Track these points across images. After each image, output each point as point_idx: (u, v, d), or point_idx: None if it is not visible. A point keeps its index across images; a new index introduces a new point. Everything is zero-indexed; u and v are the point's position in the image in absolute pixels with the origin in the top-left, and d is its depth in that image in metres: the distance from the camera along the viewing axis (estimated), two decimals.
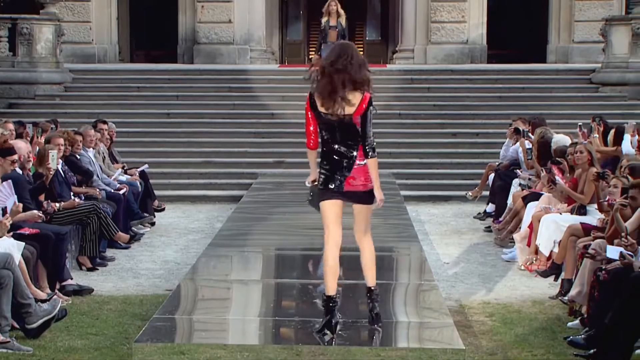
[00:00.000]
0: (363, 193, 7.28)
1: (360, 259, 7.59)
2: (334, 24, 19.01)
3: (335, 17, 19.00)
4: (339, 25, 18.96)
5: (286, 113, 19.17)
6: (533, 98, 19.81)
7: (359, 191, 7.26)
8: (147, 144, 18.05)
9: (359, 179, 7.21)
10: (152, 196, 14.46)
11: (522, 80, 20.88)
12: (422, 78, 20.84)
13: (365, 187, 7.26)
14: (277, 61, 25.73)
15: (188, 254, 11.96)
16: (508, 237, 12.32)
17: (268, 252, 11.17)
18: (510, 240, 12.21)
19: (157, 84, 20.77)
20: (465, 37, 23.63)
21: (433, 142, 18.09)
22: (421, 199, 16.28)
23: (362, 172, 7.20)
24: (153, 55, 25.56)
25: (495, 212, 13.86)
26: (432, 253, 11.88)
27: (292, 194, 15.74)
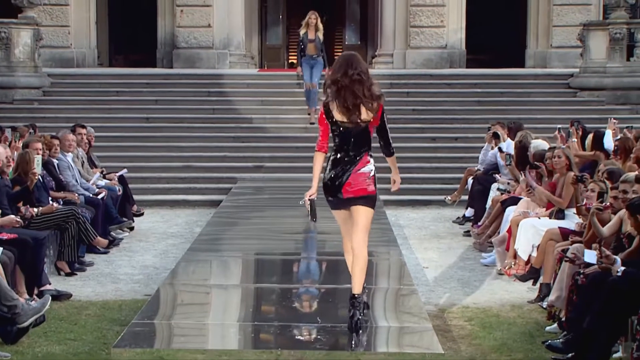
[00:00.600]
0: (362, 198, 7.47)
1: (352, 264, 7.55)
2: (312, 37, 19.01)
3: (313, 31, 19.01)
4: (317, 38, 18.96)
5: (266, 118, 19.18)
6: (512, 102, 19.89)
7: (357, 196, 7.46)
8: (126, 149, 17.99)
9: (354, 186, 7.45)
10: (131, 201, 14.42)
11: (501, 84, 20.94)
12: (401, 82, 20.87)
13: (365, 192, 7.46)
14: (256, 66, 25.70)
15: (167, 258, 11.93)
16: (487, 241, 12.35)
17: (247, 256, 11.15)
18: (489, 245, 12.24)
19: (136, 89, 20.71)
20: (444, 42, 23.69)
21: (412, 146, 18.11)
22: (400, 204, 16.30)
23: (359, 180, 7.45)
24: (132, 59, 25.49)
25: (474, 217, 13.89)
26: (411, 257, 11.89)
27: (272, 199, 15.74)
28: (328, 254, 11.36)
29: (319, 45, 19.00)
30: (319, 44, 19.00)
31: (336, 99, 7.36)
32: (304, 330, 7.64)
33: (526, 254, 10.75)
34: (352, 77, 7.32)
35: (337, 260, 10.48)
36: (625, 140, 12.15)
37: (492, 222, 12.49)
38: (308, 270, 10.57)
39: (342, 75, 7.34)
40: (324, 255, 11.34)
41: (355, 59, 7.46)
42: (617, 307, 7.40)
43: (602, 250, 7.97)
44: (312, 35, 19.03)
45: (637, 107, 19.95)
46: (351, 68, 7.36)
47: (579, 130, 14.17)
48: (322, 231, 13.00)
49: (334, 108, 7.40)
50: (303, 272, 10.47)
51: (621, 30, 20.24)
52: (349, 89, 7.31)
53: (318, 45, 18.99)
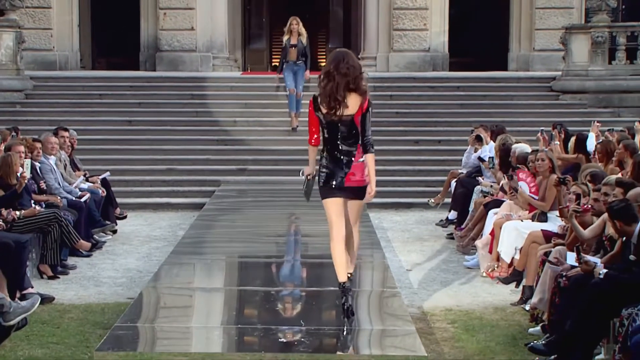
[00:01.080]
0: (360, 188, 7.92)
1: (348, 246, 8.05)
2: (295, 43, 18.89)
3: (296, 36, 18.90)
4: (299, 43, 18.85)
5: (249, 120, 19.16)
6: (494, 105, 19.94)
7: (357, 186, 7.90)
8: (109, 152, 17.95)
9: (357, 175, 7.86)
10: (114, 204, 14.39)
11: (484, 87, 21.00)
12: (385, 85, 20.89)
13: (363, 183, 7.90)
14: (239, 69, 25.68)
15: (150, 261, 11.90)
16: (470, 244, 12.37)
17: (231, 259, 11.14)
18: (472, 247, 12.26)
19: (119, 92, 20.66)
20: (427, 45, 23.73)
21: (395, 149, 18.13)
22: (384, 206, 16.30)
23: (360, 169, 7.86)
24: (115, 62, 25.41)
25: (457, 219, 13.92)
26: (394, 260, 11.90)
27: (255, 202, 15.73)
28: (312, 256, 11.36)
29: (302, 50, 18.90)
30: (302, 49, 18.90)
31: (323, 91, 7.75)
32: (287, 333, 7.64)
33: (509, 256, 10.78)
34: (342, 70, 7.70)
35: (321, 262, 10.48)
36: (606, 143, 12.20)
37: (475, 224, 12.51)
38: (292, 273, 10.56)
39: (334, 68, 7.73)
40: (308, 258, 11.34)
41: (347, 55, 7.85)
42: (599, 309, 7.42)
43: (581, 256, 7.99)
44: (294, 40, 18.93)
45: (618, 110, 20.06)
46: (342, 62, 7.74)
47: (561, 133, 14.24)
48: (306, 234, 13.02)
49: (322, 100, 7.78)
50: (287, 274, 10.46)
51: (603, 33, 20.34)
52: (337, 81, 7.69)
53: (300, 51, 18.90)
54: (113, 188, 14.63)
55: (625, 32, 20.76)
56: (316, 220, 13.64)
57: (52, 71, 22.85)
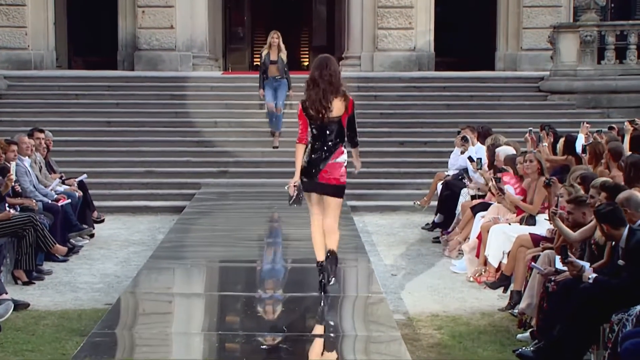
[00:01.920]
0: (333, 187, 8.75)
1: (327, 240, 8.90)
2: (275, 59, 18.48)
3: (276, 52, 18.49)
4: (279, 60, 18.44)
5: (230, 121, 19.14)
6: (481, 106, 19.98)
7: (330, 184, 8.74)
8: (86, 153, 17.89)
9: (331, 174, 8.71)
10: (91, 207, 14.35)
11: (470, 88, 21.05)
12: (369, 85, 20.91)
13: (337, 182, 8.74)
14: (220, 68, 25.65)
15: (128, 266, 11.87)
16: (457, 248, 12.39)
17: (211, 264, 11.12)
18: (459, 251, 12.28)
19: (96, 92, 20.60)
20: (412, 44, 23.76)
21: (380, 151, 18.15)
22: (368, 209, 16.32)
23: (335, 168, 8.72)
24: (92, 61, 25.32)
25: (444, 223, 13.93)
26: (379, 264, 11.91)
27: (236, 205, 15.71)
28: (294, 261, 11.35)
29: (282, 66, 18.48)
30: (282, 65, 18.47)
31: (309, 96, 8.70)
32: (270, 339, 7.62)
33: (497, 260, 10.80)
34: (325, 77, 8.67)
35: (304, 267, 10.48)
36: (595, 145, 12.24)
37: (462, 228, 12.54)
38: (274, 277, 10.56)
39: (319, 75, 8.69)
40: (290, 263, 11.33)
41: (330, 61, 8.83)
42: (588, 314, 7.44)
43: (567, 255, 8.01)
44: (274, 56, 18.51)
45: (607, 110, 20.13)
46: (325, 69, 8.72)
47: (549, 134, 14.28)
48: (288, 238, 13.00)
49: (310, 105, 8.70)
50: (269, 280, 10.45)
51: (592, 32, 20.41)
52: (321, 88, 8.64)
53: (281, 67, 18.47)
54: (90, 191, 14.59)
55: (615, 31, 20.84)
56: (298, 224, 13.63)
57: (26, 70, 22.76)
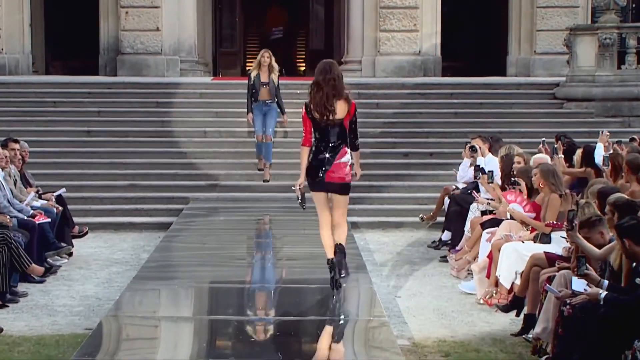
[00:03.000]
0: (340, 185, 9.87)
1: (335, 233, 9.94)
2: (266, 80, 17.72)
3: (267, 72, 17.72)
4: (270, 81, 17.71)
5: (221, 131, 19.14)
6: (492, 114, 19.98)
7: (337, 183, 9.85)
8: (65, 165, 17.88)
9: (337, 173, 9.80)
10: (70, 224, 14.33)
11: (480, 95, 21.06)
12: (370, 92, 20.93)
13: (343, 180, 9.86)
14: (210, 73, 25.68)
15: (111, 288, 11.86)
16: (465, 267, 12.39)
17: (201, 285, 11.10)
18: (468, 272, 12.28)
19: (76, 99, 20.60)
20: (417, 48, 23.80)
21: (382, 162, 18.15)
22: (370, 226, 16.31)
23: (340, 168, 9.81)
24: (71, 66, 25.37)
25: (452, 240, 13.93)
26: (382, 286, 11.91)
27: (228, 221, 15.70)
28: (289, 281, 11.34)
29: (274, 89, 17.76)
30: (274, 88, 17.75)
31: (315, 99, 9.75)
32: None
33: (509, 281, 10.79)
34: (329, 81, 9.71)
35: (299, 288, 10.47)
36: (615, 157, 12.25)
37: (471, 246, 12.53)
38: (268, 300, 10.54)
39: (323, 79, 9.74)
40: (285, 284, 11.32)
41: (333, 66, 9.91)
42: (609, 340, 7.43)
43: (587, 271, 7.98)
44: (265, 77, 17.75)
45: (628, 119, 20.11)
46: (329, 73, 9.77)
47: (565, 145, 14.27)
48: (284, 257, 12.99)
49: (314, 108, 9.76)
50: (262, 302, 10.44)
51: (611, 35, 20.43)
52: (325, 92, 9.69)
53: (272, 90, 17.75)
54: (69, 206, 14.58)
55: (636, 34, 20.83)
56: (295, 242, 13.64)
57: (0, 76, 22.77)
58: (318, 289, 10.34)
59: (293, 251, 13.17)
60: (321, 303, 9.83)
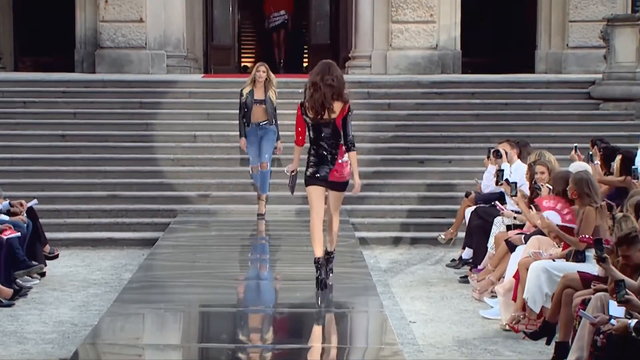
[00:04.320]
0: (343, 184, 11.46)
1: (329, 228, 11.53)
2: (261, 97, 16.76)
3: (262, 89, 16.78)
4: (267, 100, 16.76)
5: (212, 135, 19.14)
6: (518, 116, 19.95)
7: (339, 182, 11.39)
8: (36, 174, 17.90)
9: (340, 172, 11.34)
10: (42, 239, 14.32)
11: (505, 94, 21.04)
12: (381, 92, 20.91)
13: (343, 179, 11.42)
14: (200, 70, 25.69)
15: (88, 312, 11.87)
16: (489, 289, 12.38)
17: (190, 309, 11.12)
18: (491, 294, 12.27)
19: (48, 99, 20.59)
20: (434, 41, 23.77)
21: (395, 170, 18.15)
22: (381, 242, 16.32)
23: (342, 167, 11.34)
24: (43, 62, 25.37)
25: (473, 259, 13.92)
26: (394, 310, 11.91)
27: (220, 237, 15.71)
28: (289, 305, 11.34)
29: (271, 108, 16.83)
30: (271, 108, 16.81)
31: (311, 99, 11.15)
32: None
33: (538, 305, 10.78)
34: (327, 82, 11.09)
35: (300, 313, 10.48)
36: None
37: (495, 265, 12.52)
38: (265, 325, 10.56)
39: (320, 79, 11.10)
40: (285, 308, 11.32)
41: (332, 66, 11.32)
42: None
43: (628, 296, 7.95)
44: (260, 94, 16.79)
45: None
46: (328, 74, 11.17)
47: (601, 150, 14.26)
48: (282, 277, 13.00)
49: (309, 107, 11.18)
50: (259, 328, 10.45)
51: None
52: (323, 92, 11.08)
53: (269, 109, 16.80)
54: (41, 220, 14.57)
55: None
56: (295, 260, 13.66)
57: None
58: (321, 313, 10.35)
59: (293, 270, 13.17)
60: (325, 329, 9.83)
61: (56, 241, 15.37)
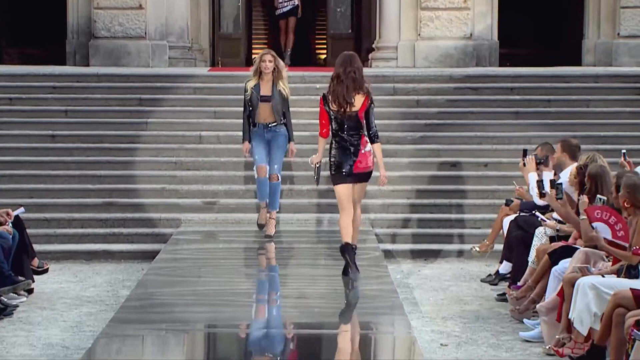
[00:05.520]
0: (365, 174, 13.15)
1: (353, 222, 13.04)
2: (267, 93, 15.87)
3: (270, 83, 15.91)
4: (275, 94, 15.87)
5: (219, 135, 19.14)
6: (563, 115, 19.92)
7: (364, 172, 13.09)
8: (24, 179, 17.95)
9: (364, 162, 13.01)
10: (29, 252, 14.34)
11: (548, 89, 21.00)
12: (409, 87, 20.89)
13: (368, 169, 13.10)
14: (207, 63, 25.71)
15: (81, 333, 11.88)
16: (530, 308, 12.36)
17: (194, 330, 11.14)
18: (532, 313, 12.24)
19: (37, 94, 20.64)
20: (468, 30, 23.73)
21: (424, 175, 18.13)
22: (409, 255, 16.33)
23: (366, 157, 12.99)
24: (31, 54, 25.44)
25: (512, 274, 13.90)
26: (423, 331, 11.91)
27: (227, 249, 15.72)
28: (305, 326, 11.33)
29: (281, 105, 15.97)
30: (281, 104, 15.95)
31: (334, 92, 12.84)
32: None
33: (585, 326, 10.75)
34: (349, 74, 12.80)
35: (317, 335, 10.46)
36: None
37: (536, 281, 12.49)
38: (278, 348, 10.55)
39: (343, 71, 12.81)
40: (300, 329, 11.30)
41: (354, 58, 13.02)
42: None
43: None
44: (266, 89, 15.91)
45: None
46: (349, 66, 12.86)
47: None
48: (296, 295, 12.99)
49: (332, 100, 12.87)
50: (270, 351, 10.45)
51: None
52: (345, 84, 12.77)
53: (278, 106, 15.92)
54: (29, 230, 14.59)
55: None
56: (311, 276, 13.66)
57: None
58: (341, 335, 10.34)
59: (311, 287, 13.17)
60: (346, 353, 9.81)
61: (45, 254, 15.41)
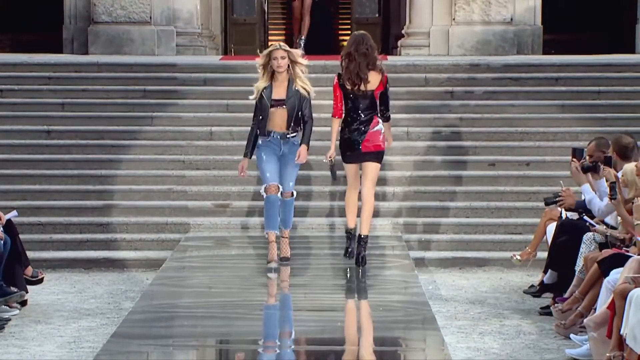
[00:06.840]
0: (376, 153, 14.23)
1: (362, 210, 14.23)
2: (281, 97, 14.60)
3: (283, 83, 14.67)
4: (291, 95, 14.58)
5: (232, 131, 19.16)
6: (614, 108, 19.89)
7: (373, 151, 14.18)
8: (16, 179, 18.01)
9: (372, 142, 14.14)
10: (22, 260, 14.39)
11: (598, 79, 20.97)
12: (442, 78, 20.89)
13: (377, 148, 14.23)
14: (218, 51, 25.74)
15: (79, 349, 11.91)
16: (577, 322, 12.35)
17: (204, 345, 11.16)
18: (580, 328, 12.24)
19: (31, 86, 20.71)
20: (508, 14, 23.72)
21: (460, 175, 18.14)
22: (441, 263, 16.33)
23: (375, 136, 14.18)
24: (25, 41, 25.51)
25: (557, 285, 13.89)
26: (459, 347, 11.91)
27: (240, 256, 15.73)
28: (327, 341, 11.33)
29: (297, 107, 14.65)
30: (298, 106, 14.64)
31: (347, 70, 14.05)
32: None
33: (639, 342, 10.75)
34: (361, 51, 14.03)
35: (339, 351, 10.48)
36: None
37: (584, 292, 12.49)
38: None
39: (355, 49, 14.04)
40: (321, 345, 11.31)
41: (365, 37, 14.26)
42: None
43: None
44: (280, 92, 14.65)
45: None
46: (362, 44, 14.09)
47: None
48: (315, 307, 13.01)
49: (346, 78, 14.07)
50: None
51: None
52: (358, 62, 13.99)
53: (294, 110, 14.64)
54: (22, 235, 14.63)
55: None
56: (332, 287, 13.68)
57: None
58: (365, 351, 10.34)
59: (331, 298, 13.18)
60: None
61: (40, 262, 15.47)
